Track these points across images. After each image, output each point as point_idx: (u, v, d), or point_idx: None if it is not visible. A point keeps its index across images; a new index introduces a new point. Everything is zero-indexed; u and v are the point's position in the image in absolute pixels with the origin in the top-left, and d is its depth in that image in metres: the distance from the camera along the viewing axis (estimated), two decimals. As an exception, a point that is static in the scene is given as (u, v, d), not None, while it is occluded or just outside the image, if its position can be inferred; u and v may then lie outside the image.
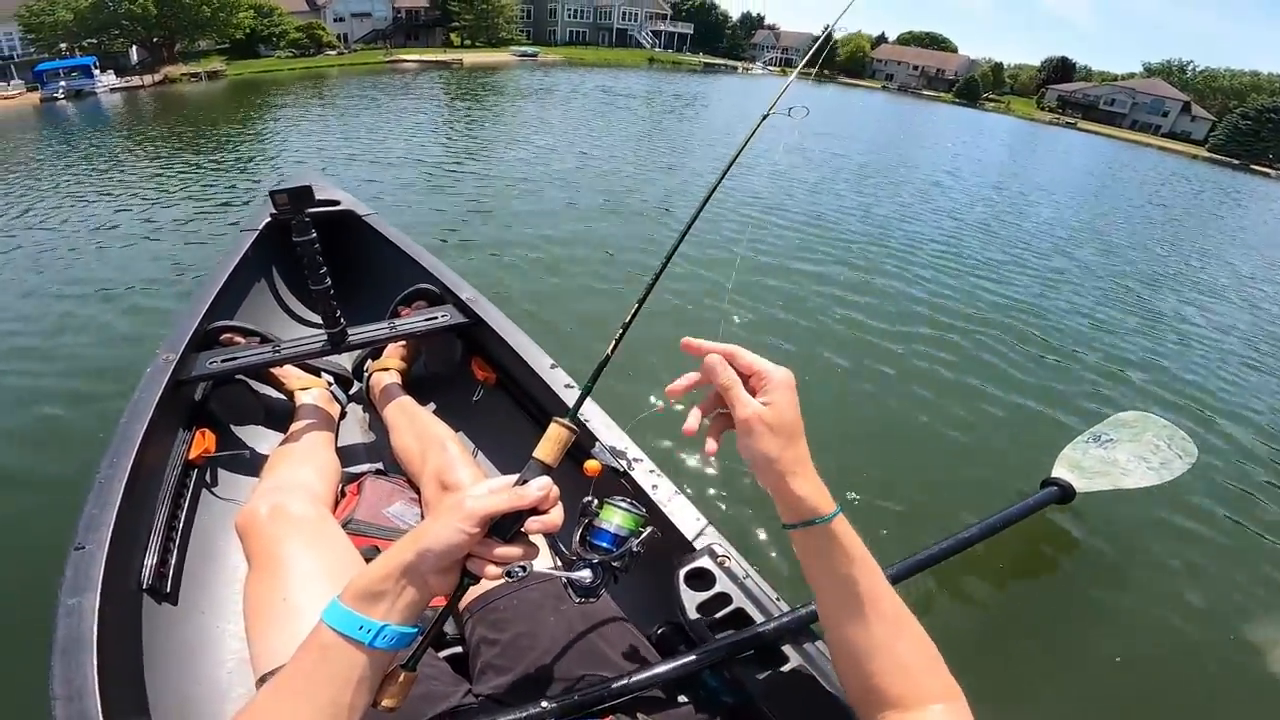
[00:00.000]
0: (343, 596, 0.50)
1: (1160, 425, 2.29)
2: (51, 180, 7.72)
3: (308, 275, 1.31)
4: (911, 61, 54.01)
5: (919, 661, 0.54)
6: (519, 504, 0.52)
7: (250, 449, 1.48)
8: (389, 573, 0.50)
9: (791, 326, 3.64)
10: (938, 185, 9.06)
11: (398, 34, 42.73)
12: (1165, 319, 4.83)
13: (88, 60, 25.34)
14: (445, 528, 0.50)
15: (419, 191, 6.22)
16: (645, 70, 35.50)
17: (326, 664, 0.49)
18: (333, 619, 0.49)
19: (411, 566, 0.50)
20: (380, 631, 0.49)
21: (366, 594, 0.50)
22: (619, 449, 1.14)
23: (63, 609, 0.82)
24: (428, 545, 0.50)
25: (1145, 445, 2.20)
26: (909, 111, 28.50)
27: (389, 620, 0.49)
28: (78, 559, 0.88)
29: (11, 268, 4.65)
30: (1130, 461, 2.12)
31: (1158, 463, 2.13)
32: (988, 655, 1.72)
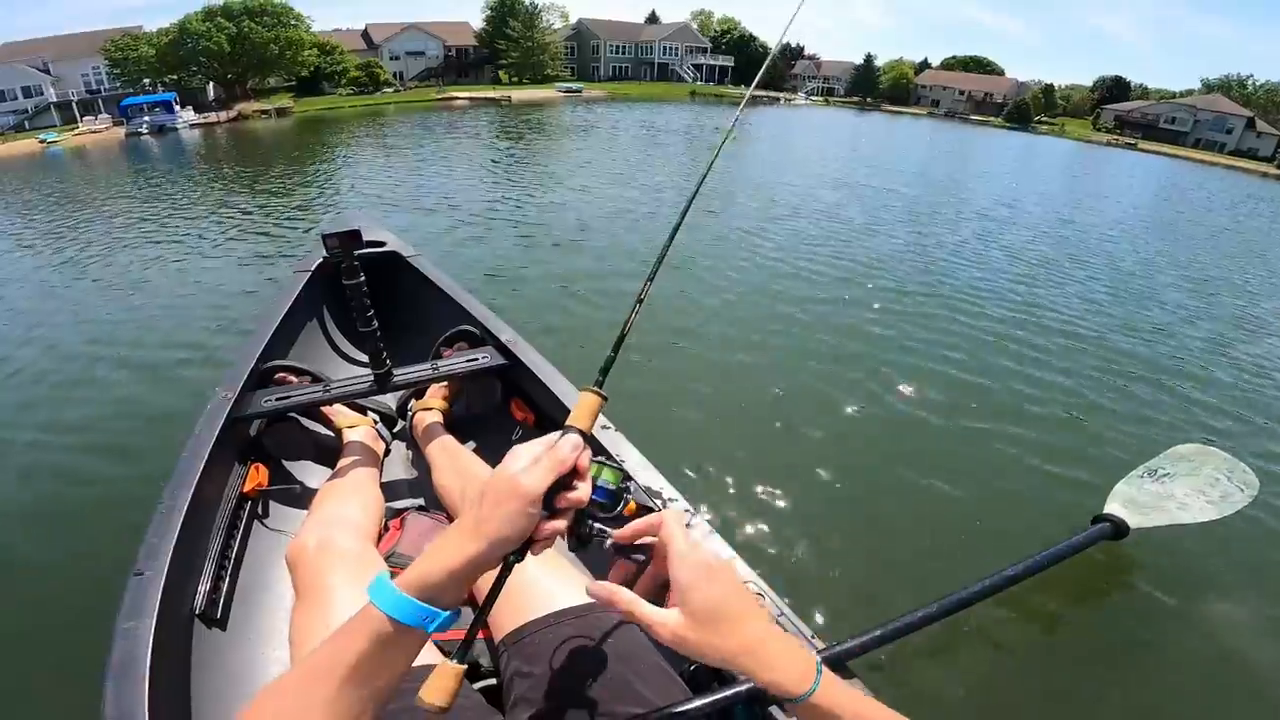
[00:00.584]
0: (405, 586, 0.50)
1: (1221, 458, 2.16)
2: (135, 214, 8.04)
3: (355, 317, 1.35)
4: (958, 86, 53.25)
5: None
6: (562, 469, 0.53)
7: (300, 483, 1.53)
8: (463, 563, 0.50)
9: (835, 354, 3.60)
10: (987, 216, 8.47)
11: (449, 72, 44.65)
12: (1230, 347, 4.40)
13: (169, 96, 27.03)
14: (513, 514, 0.50)
15: (473, 229, 6.28)
16: (687, 104, 35.88)
17: (380, 654, 0.49)
18: (392, 608, 0.49)
19: (486, 555, 0.50)
20: (437, 617, 0.50)
21: (435, 583, 0.50)
22: (654, 489, 1.16)
23: (119, 632, 0.85)
24: (499, 533, 0.50)
25: (1204, 479, 2.08)
26: (958, 138, 27.79)
27: (449, 607, 0.51)
28: (136, 585, 0.92)
29: (93, 300, 4.79)
30: (1188, 495, 2.02)
31: (1217, 496, 2.01)
32: (1033, 696, 1.66)
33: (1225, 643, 1.84)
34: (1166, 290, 5.76)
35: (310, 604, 0.94)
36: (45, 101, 29.13)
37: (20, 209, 8.88)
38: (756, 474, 2.38)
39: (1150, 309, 5.10)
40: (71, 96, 29.50)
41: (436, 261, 2.15)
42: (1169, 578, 2.04)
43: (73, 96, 29.51)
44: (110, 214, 8.20)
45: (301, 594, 0.97)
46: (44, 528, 2.25)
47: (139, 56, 28.73)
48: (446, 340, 1.70)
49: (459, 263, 5.06)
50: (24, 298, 4.97)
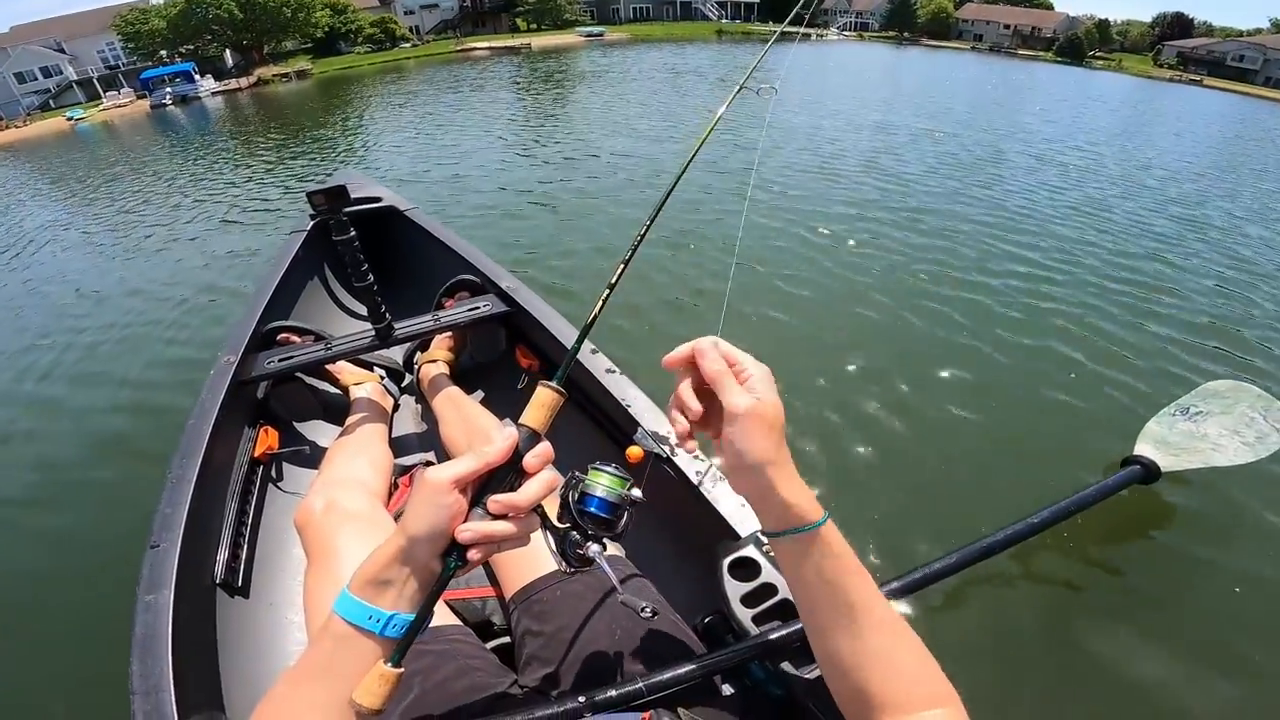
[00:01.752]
0: (350, 586, 0.49)
1: (1255, 395, 2.02)
2: (183, 178, 8.03)
3: (350, 273, 1.33)
4: (1002, 20, 49.56)
5: (914, 667, 0.52)
6: (486, 462, 0.49)
7: (312, 443, 1.50)
8: (388, 560, 0.48)
9: (859, 300, 3.38)
10: (1038, 157, 7.71)
11: (465, 23, 42.87)
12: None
13: (187, 66, 26.50)
14: (420, 505, 0.48)
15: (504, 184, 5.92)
16: (714, 44, 33.92)
17: (339, 654, 0.48)
18: (343, 609, 0.48)
19: (406, 552, 0.48)
20: (390, 621, 0.48)
21: (373, 582, 0.48)
22: (662, 434, 1.12)
23: (140, 605, 0.84)
24: (411, 529, 0.48)
25: (1239, 417, 1.97)
26: (1007, 73, 25.75)
27: (398, 609, 0.48)
28: (153, 557, 0.91)
29: (126, 267, 4.70)
30: (1222, 436, 1.91)
31: (1253, 437, 1.90)
32: (1060, 647, 1.57)
33: (1261, 591, 1.72)
34: (1215, 222, 5.35)
35: (321, 567, 0.91)
36: (66, 80, 28.82)
37: (80, 184, 8.77)
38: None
39: (1192, 243, 4.74)
40: (91, 73, 29.11)
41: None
42: (1202, 523, 1.93)
43: (92, 73, 29.12)
44: (157, 180, 8.20)
45: (312, 557, 0.95)
46: (63, 503, 2.20)
47: (151, 29, 28.04)
48: (447, 290, 1.66)
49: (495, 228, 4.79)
50: (82, 269, 4.93)
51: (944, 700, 0.51)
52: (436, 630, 0.81)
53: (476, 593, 1.01)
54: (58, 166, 11.89)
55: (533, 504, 0.51)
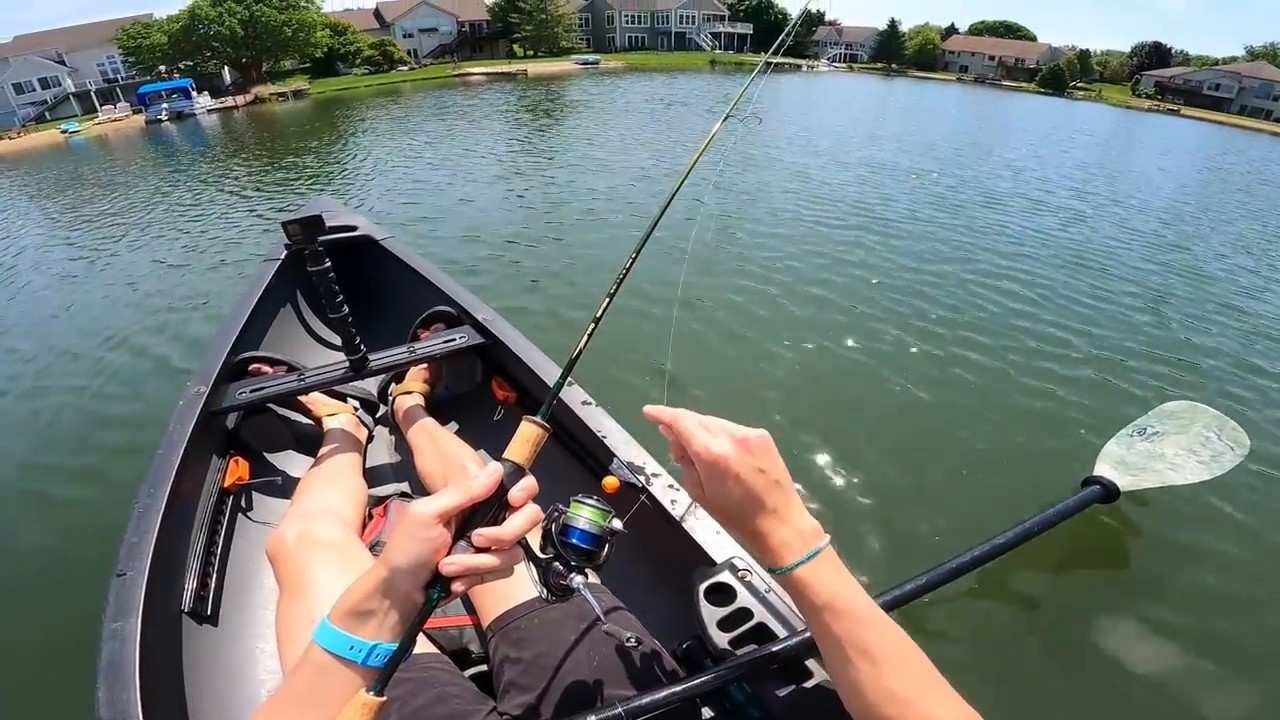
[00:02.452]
0: (331, 616, 0.49)
1: (1210, 415, 2.09)
2: (159, 200, 7.98)
3: (325, 304, 1.32)
4: (987, 52, 50.98)
5: (913, 691, 0.52)
6: (471, 496, 0.50)
7: (283, 474, 1.49)
8: (370, 591, 0.49)
9: (812, 320, 3.45)
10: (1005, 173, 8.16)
11: (463, 47, 43.69)
12: (1227, 301, 4.23)
13: (185, 83, 26.77)
14: (404, 538, 0.48)
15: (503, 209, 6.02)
16: (707, 73, 34.73)
17: (320, 685, 0.48)
18: (324, 639, 0.48)
19: (388, 583, 0.48)
20: (372, 651, 0.48)
21: (354, 613, 0.49)
22: (637, 464, 1.13)
23: (106, 633, 0.84)
24: (394, 561, 0.48)
25: (1194, 437, 2.03)
26: (989, 103, 26.57)
27: (379, 639, 0.48)
28: (119, 585, 0.90)
29: (110, 290, 4.61)
30: (1178, 455, 1.97)
31: (1208, 456, 1.96)
32: (1025, 666, 1.59)
33: (1217, 608, 1.78)
34: (1186, 249, 5.54)
35: (293, 597, 0.91)
36: (64, 92, 29.03)
37: (65, 199, 8.77)
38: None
39: (1159, 267, 4.93)
40: (89, 86, 29.36)
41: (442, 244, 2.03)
42: (1161, 541, 1.97)
43: (90, 86, 29.37)
44: (142, 200, 8.15)
45: (285, 587, 0.95)
46: (26, 529, 2.16)
47: (152, 44, 28.40)
48: (423, 322, 1.66)
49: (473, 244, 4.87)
50: (46, 287, 4.89)
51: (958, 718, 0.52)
52: (413, 658, 0.80)
53: (454, 621, 1.01)
54: (47, 179, 11.97)
55: (517, 538, 0.51)
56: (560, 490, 0.62)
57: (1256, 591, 1.84)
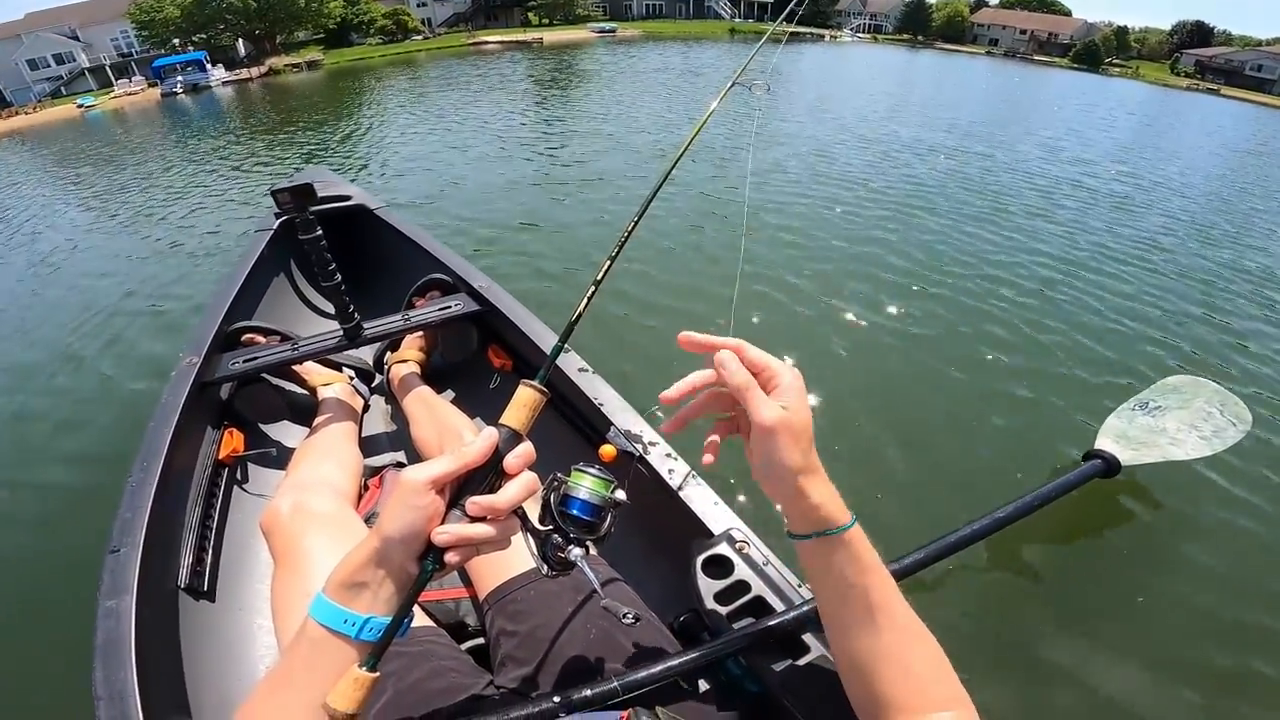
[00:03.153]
0: (325, 589, 0.48)
1: (1212, 390, 2.08)
2: (195, 166, 8.00)
3: (318, 273, 1.31)
4: (1019, 25, 48.96)
5: (928, 669, 0.52)
6: (465, 462, 0.48)
7: (278, 445, 1.47)
8: (363, 562, 0.47)
9: (805, 290, 3.36)
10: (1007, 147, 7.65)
11: (477, 16, 42.81)
12: (1230, 277, 4.10)
13: (199, 55, 26.58)
14: (395, 506, 0.47)
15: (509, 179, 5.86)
16: (726, 42, 33.66)
17: (315, 659, 0.47)
18: (318, 613, 0.47)
19: (381, 554, 0.47)
20: (365, 624, 0.47)
21: (347, 585, 0.47)
22: (634, 433, 1.11)
23: (102, 611, 0.83)
24: (386, 531, 0.46)
25: (1196, 412, 2.01)
26: (1021, 77, 25.35)
27: (374, 612, 0.47)
28: (113, 562, 0.89)
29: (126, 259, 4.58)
30: (1180, 430, 1.95)
31: (1210, 431, 1.94)
32: (1024, 642, 1.58)
33: (1217, 583, 1.76)
34: (1191, 229, 5.31)
35: (289, 570, 0.90)
36: (79, 67, 28.97)
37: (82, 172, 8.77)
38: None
39: (1165, 244, 4.76)
40: (104, 61, 29.26)
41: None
42: (1162, 515, 1.95)
43: (105, 61, 29.27)
44: (152, 170, 8.17)
45: (279, 560, 0.93)
46: (18, 506, 2.13)
47: (165, 18, 28.10)
48: (418, 289, 1.64)
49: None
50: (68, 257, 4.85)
51: (955, 703, 0.52)
52: (410, 631, 0.83)
53: (450, 594, 1.00)
54: (63, 152, 11.96)
55: (513, 506, 0.49)
56: (556, 458, 0.58)
57: (1257, 565, 1.82)
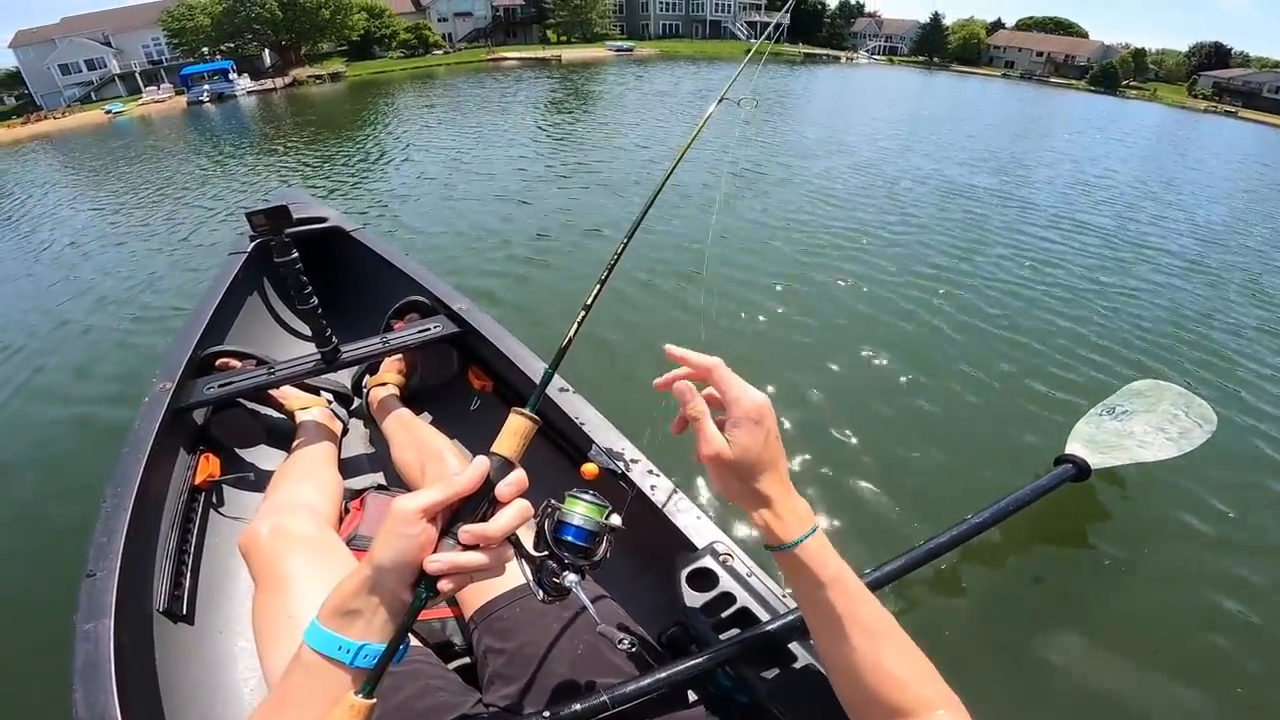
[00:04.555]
0: (319, 616, 0.49)
1: (1176, 393, 2.16)
2: (215, 174, 8.11)
3: (294, 296, 1.31)
4: (1035, 47, 49.07)
5: (907, 672, 0.54)
6: (456, 490, 0.48)
7: (256, 469, 1.47)
8: (356, 590, 0.48)
9: (781, 297, 3.44)
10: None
11: (497, 32, 43.58)
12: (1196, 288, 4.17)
13: (225, 65, 27.19)
14: (388, 535, 0.47)
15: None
16: (739, 64, 33.95)
17: (311, 686, 0.47)
18: (313, 640, 0.48)
19: (374, 582, 0.47)
20: (360, 651, 0.47)
21: (341, 612, 0.48)
22: (616, 450, 1.12)
23: (79, 635, 0.83)
24: (378, 559, 0.47)
25: (1162, 415, 2.08)
26: (1036, 99, 25.26)
27: (368, 639, 0.47)
28: (89, 586, 0.90)
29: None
30: (1147, 433, 2.01)
31: (1176, 432, 2.00)
32: (1002, 647, 1.61)
33: (1186, 582, 1.79)
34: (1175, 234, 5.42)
35: (269, 593, 0.89)
36: (109, 73, 29.75)
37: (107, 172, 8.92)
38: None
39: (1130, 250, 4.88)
40: (134, 67, 30.05)
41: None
42: (1133, 517, 1.99)
43: (135, 67, 30.06)
44: (166, 177, 8.30)
45: (260, 582, 0.93)
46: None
47: (195, 26, 28.89)
48: (396, 312, 1.64)
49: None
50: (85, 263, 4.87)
51: (943, 702, 0.53)
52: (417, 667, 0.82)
53: (436, 614, 1.00)
54: (84, 157, 12.24)
55: (505, 534, 0.49)
56: (537, 476, 0.58)
57: (1225, 564, 1.85)
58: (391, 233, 4.91)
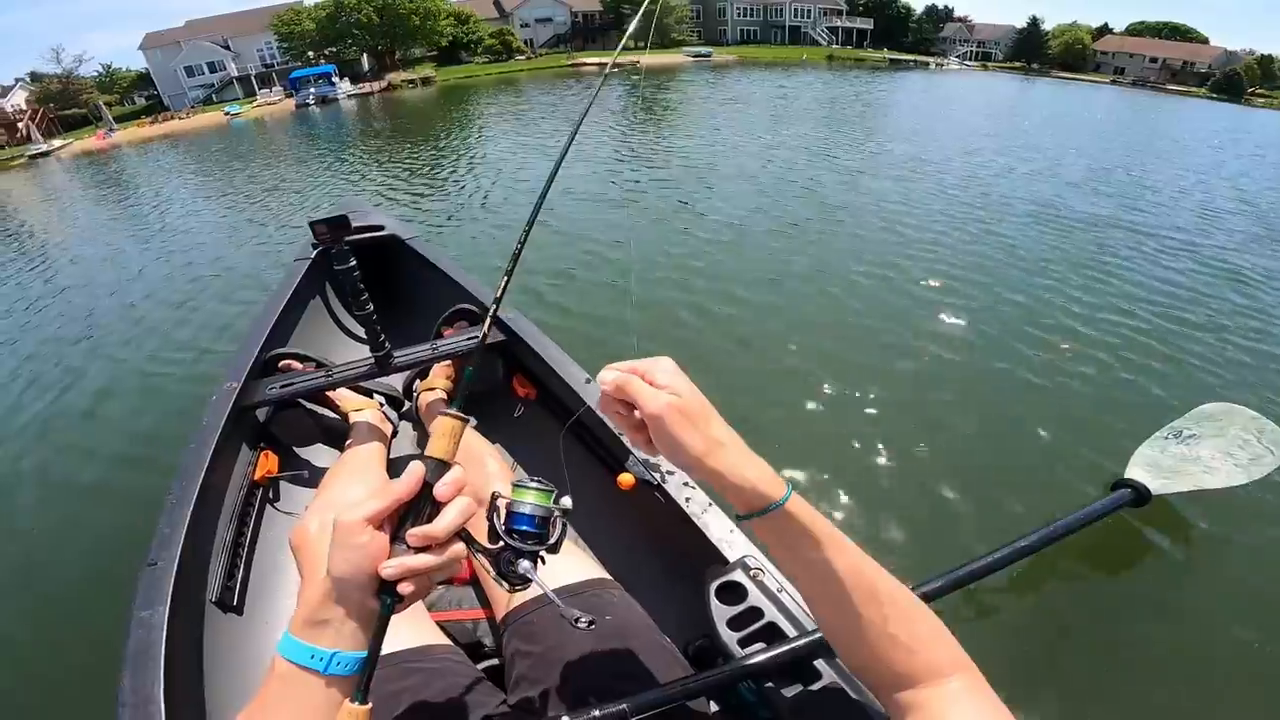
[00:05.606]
0: (291, 627, 0.50)
1: (1248, 417, 2.01)
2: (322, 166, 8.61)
3: (350, 302, 1.37)
4: (1148, 53, 45.36)
5: (916, 636, 0.51)
6: (395, 497, 0.50)
7: (311, 467, 1.52)
8: (321, 601, 0.49)
9: (848, 325, 3.32)
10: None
11: (576, 38, 44.40)
12: None
13: (329, 69, 28.89)
14: (338, 548, 0.48)
15: None
16: (822, 70, 33.05)
17: (287, 693, 0.49)
18: (285, 650, 0.49)
19: (337, 593, 0.49)
20: (333, 659, 0.48)
21: (310, 622, 0.49)
22: (653, 462, 1.12)
23: (135, 621, 0.86)
24: (335, 572, 0.48)
25: (1231, 440, 1.94)
26: (1150, 105, 23.01)
27: (339, 647, 0.48)
28: (149, 575, 0.94)
29: None
30: (1215, 458, 1.89)
31: (1246, 458, 1.87)
32: (1046, 670, 1.53)
33: (1248, 617, 1.67)
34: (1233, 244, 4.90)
35: None
36: (228, 76, 32.21)
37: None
38: (759, 437, 1.95)
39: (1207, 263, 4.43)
40: (250, 71, 32.40)
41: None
42: (1192, 546, 1.89)
43: (250, 71, 32.40)
44: (277, 177, 8.76)
45: (305, 577, 0.95)
46: (64, 516, 2.23)
47: (302, 31, 30.90)
48: (446, 319, 1.67)
49: None
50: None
51: (958, 667, 0.49)
52: (426, 649, 0.83)
53: (468, 614, 1.03)
54: (203, 155, 13.20)
55: (450, 532, 0.50)
56: (579, 486, 0.60)
57: None
58: (474, 239, 4.99)
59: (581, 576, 0.90)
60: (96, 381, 3.22)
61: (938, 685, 0.49)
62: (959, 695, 0.48)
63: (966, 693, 0.49)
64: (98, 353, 3.57)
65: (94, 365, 3.41)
